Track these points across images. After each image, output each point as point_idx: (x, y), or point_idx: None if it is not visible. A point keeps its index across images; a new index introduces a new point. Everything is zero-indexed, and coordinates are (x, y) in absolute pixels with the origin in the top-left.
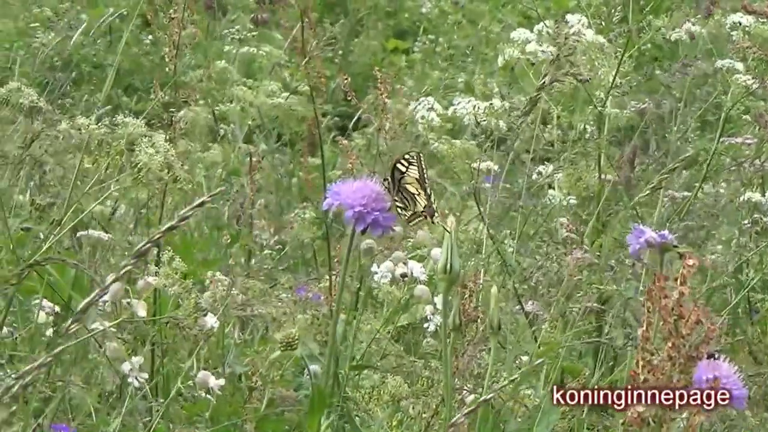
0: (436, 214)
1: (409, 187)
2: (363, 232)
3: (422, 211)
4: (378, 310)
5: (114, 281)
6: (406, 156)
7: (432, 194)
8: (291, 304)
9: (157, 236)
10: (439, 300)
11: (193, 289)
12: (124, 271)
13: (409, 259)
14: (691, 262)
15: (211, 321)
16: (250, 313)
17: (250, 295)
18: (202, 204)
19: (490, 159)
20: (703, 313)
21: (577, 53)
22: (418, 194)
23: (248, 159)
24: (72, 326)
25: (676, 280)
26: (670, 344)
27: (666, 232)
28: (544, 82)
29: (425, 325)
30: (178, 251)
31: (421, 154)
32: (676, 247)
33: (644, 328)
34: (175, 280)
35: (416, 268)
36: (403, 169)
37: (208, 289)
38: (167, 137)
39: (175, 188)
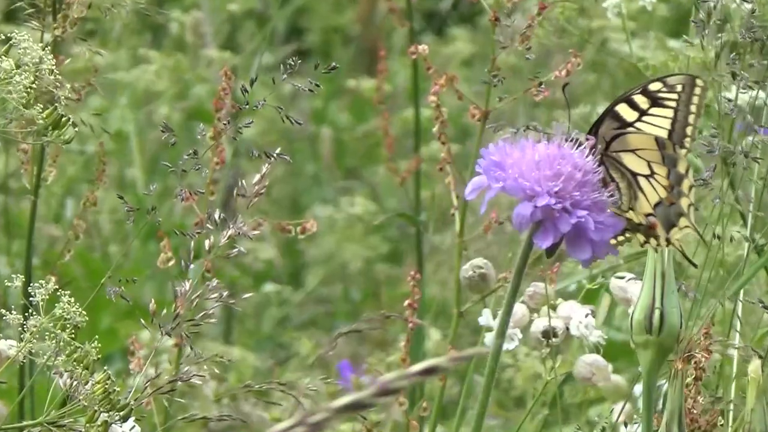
0: (681, 223)
1: (629, 158)
2: (552, 251)
3: (648, 215)
4: (513, 409)
5: None
6: (655, 86)
7: (690, 174)
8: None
9: None
10: (638, 387)
11: (97, 364)
12: None
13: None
14: None
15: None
16: (233, 420)
17: (233, 381)
18: None
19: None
20: None
21: None
22: (650, 176)
23: (222, 87)
24: None
25: None
26: None
27: None
28: None
29: None
30: (73, 285)
31: (699, 83)
32: None
33: None
34: (58, 345)
35: (577, 317)
36: (631, 116)
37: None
38: (44, 35)
39: (57, 144)
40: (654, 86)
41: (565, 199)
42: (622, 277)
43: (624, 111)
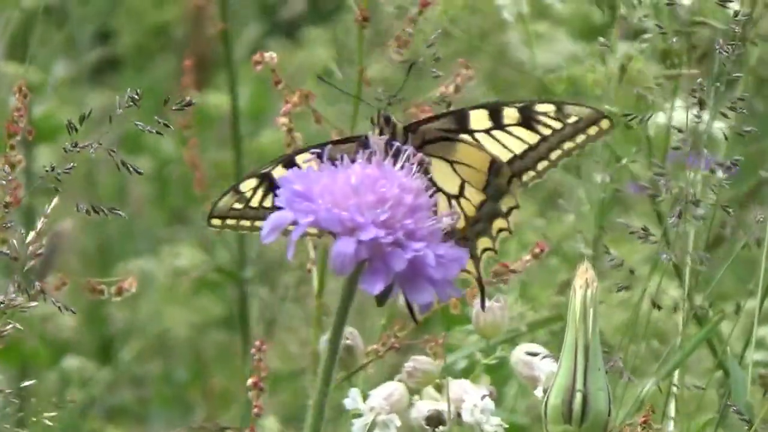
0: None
1: (440, 168)
2: (383, 298)
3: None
4: None
5: None
6: (543, 107)
7: (510, 221)
8: None
9: None
10: None
11: None
12: None
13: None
14: None
15: None
16: None
17: None
18: None
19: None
20: None
21: None
22: (456, 197)
23: (16, 108)
24: None
25: None
26: None
27: None
28: None
29: None
30: None
31: (604, 125)
32: None
33: None
34: None
35: (471, 399)
36: (480, 124)
37: None
38: None
39: None
40: (543, 107)
41: (395, 229)
42: (535, 354)
43: (477, 117)
